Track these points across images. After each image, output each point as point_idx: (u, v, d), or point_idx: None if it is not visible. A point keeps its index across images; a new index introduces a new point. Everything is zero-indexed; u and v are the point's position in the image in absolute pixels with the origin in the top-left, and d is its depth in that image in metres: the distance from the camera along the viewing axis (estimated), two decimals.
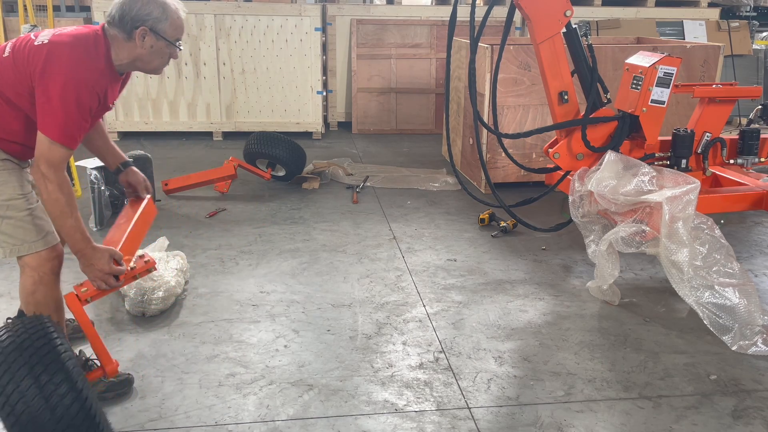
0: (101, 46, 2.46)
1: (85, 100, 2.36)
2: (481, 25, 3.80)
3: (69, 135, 2.36)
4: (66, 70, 2.34)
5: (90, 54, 2.42)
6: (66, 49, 2.38)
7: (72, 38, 2.42)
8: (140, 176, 2.92)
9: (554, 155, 3.88)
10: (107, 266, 2.50)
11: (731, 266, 3.20)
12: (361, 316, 3.39)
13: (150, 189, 2.94)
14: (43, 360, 2.09)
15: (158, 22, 2.46)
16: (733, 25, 7.82)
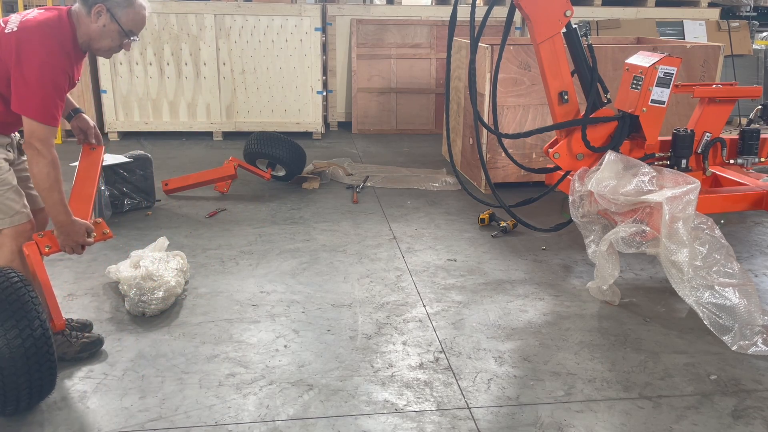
0: (66, 28, 2.61)
1: (60, 81, 2.55)
2: (481, 25, 3.80)
3: (49, 114, 2.54)
4: (40, 55, 2.51)
5: (58, 38, 2.57)
6: (36, 34, 2.53)
7: (40, 24, 2.56)
8: (90, 122, 3.11)
9: (554, 155, 3.88)
10: (82, 238, 2.76)
11: (731, 266, 3.20)
12: (361, 316, 3.39)
13: (99, 136, 3.14)
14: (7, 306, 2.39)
15: (117, 6, 2.62)
16: (733, 25, 7.82)
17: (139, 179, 4.89)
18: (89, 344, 2.98)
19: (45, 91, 2.52)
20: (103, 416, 2.59)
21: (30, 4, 6.73)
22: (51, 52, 2.53)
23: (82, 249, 2.81)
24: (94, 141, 3.11)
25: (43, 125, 2.54)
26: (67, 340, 2.94)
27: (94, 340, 3.01)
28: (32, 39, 2.52)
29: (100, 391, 2.74)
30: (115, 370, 2.90)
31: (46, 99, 2.53)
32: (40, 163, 2.56)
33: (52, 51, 2.53)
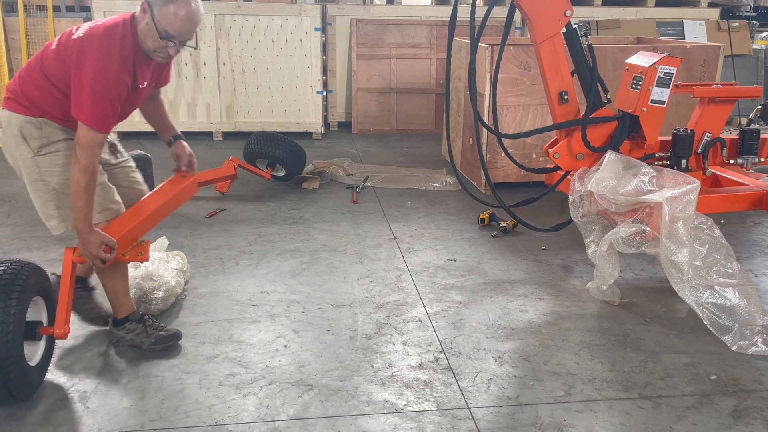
0: (128, 33, 2.61)
1: (112, 89, 2.56)
2: (481, 25, 3.80)
3: (99, 120, 2.56)
4: (94, 62, 2.53)
5: (116, 44, 2.58)
6: (95, 42, 2.56)
7: (102, 31, 2.59)
8: (186, 150, 3.08)
9: (554, 155, 3.88)
10: (96, 251, 2.67)
11: (731, 266, 3.20)
12: (361, 316, 3.39)
13: (194, 165, 3.10)
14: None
15: (154, 5, 2.56)
16: (733, 25, 7.82)
17: None
18: (165, 337, 3.01)
19: (96, 97, 2.54)
20: (103, 416, 2.59)
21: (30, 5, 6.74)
22: (106, 60, 2.55)
23: (101, 262, 2.70)
24: (184, 168, 3.03)
25: (92, 131, 2.56)
26: (145, 330, 3.00)
27: (171, 334, 3.03)
28: (92, 46, 2.56)
29: (100, 391, 2.74)
30: (115, 370, 2.90)
31: (96, 105, 2.55)
32: (74, 168, 2.58)
33: (107, 59, 2.55)
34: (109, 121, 2.61)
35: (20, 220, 4.67)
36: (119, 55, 2.58)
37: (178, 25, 2.59)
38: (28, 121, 2.69)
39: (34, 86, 2.67)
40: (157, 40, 2.61)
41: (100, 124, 2.57)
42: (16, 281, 2.51)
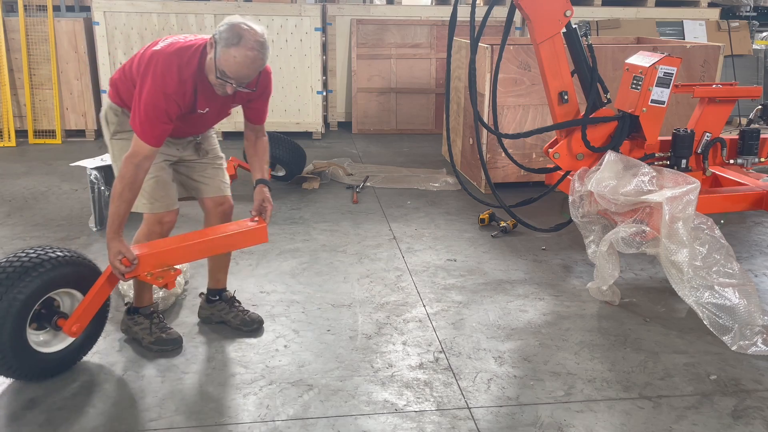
0: (195, 58, 2.67)
1: (161, 106, 2.61)
2: (482, 25, 3.80)
3: (147, 133, 2.62)
4: (152, 79, 2.62)
5: (180, 66, 2.64)
6: (161, 59, 2.64)
7: (173, 50, 2.67)
8: (262, 196, 3.00)
9: (554, 155, 3.88)
10: (113, 259, 2.68)
11: (731, 266, 3.20)
12: (361, 316, 3.39)
13: (267, 212, 2.99)
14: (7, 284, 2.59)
15: (219, 43, 2.59)
16: (733, 25, 7.82)
17: None
18: (164, 340, 3.03)
19: (147, 112, 2.61)
20: (104, 416, 2.59)
21: (30, 5, 6.74)
22: (162, 79, 2.61)
23: (121, 275, 2.70)
24: (253, 213, 2.99)
25: (140, 141, 2.63)
26: (149, 327, 3.04)
27: (171, 339, 3.04)
28: (158, 62, 2.63)
29: (100, 391, 2.74)
30: (116, 370, 2.90)
31: (145, 119, 2.62)
32: (118, 175, 2.68)
33: (163, 78, 2.61)
34: (154, 134, 2.64)
35: (20, 220, 4.67)
36: (176, 77, 2.63)
37: (235, 68, 2.60)
38: (111, 107, 2.89)
39: (125, 79, 2.81)
40: (213, 80, 2.66)
41: (147, 137, 2.63)
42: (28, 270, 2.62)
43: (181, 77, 2.64)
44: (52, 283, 2.69)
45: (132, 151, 2.64)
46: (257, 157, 3.08)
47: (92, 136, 7.08)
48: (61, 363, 2.82)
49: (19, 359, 2.65)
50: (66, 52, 6.84)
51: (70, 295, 2.81)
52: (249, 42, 2.57)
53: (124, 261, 2.69)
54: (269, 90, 3.02)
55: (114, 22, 6.77)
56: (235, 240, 2.94)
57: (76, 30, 6.80)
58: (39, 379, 2.77)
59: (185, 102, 2.69)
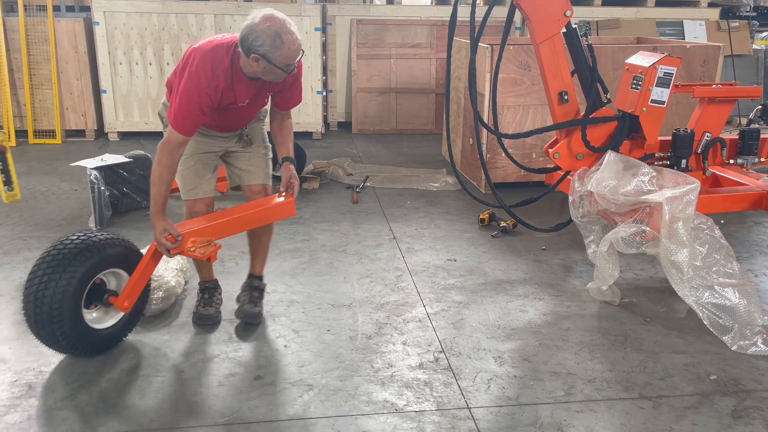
0: (228, 56, 2.86)
1: (194, 98, 2.81)
2: (482, 25, 3.80)
3: (180, 123, 2.83)
4: (188, 73, 2.83)
5: (214, 61, 2.84)
6: (198, 56, 2.85)
7: (210, 47, 2.87)
8: (289, 173, 3.18)
9: (554, 155, 3.88)
10: (159, 237, 2.88)
11: (731, 266, 3.20)
12: (361, 316, 3.39)
13: (295, 188, 3.18)
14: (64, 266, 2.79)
15: (268, 53, 2.76)
16: (733, 25, 7.82)
17: (139, 179, 4.89)
18: (199, 315, 3.28)
19: (181, 103, 2.82)
20: (104, 416, 2.59)
21: (30, 5, 6.74)
22: (197, 74, 2.82)
23: (167, 251, 2.89)
24: (282, 189, 3.16)
25: (173, 130, 2.83)
26: (200, 300, 3.33)
27: (205, 315, 3.27)
28: (195, 59, 2.85)
29: (99, 391, 2.74)
30: (115, 370, 2.90)
31: (178, 110, 2.82)
32: (155, 160, 2.89)
33: (198, 73, 2.82)
34: (186, 123, 2.83)
35: (20, 220, 4.67)
36: (210, 73, 2.82)
37: (293, 52, 2.80)
38: (164, 104, 3.16)
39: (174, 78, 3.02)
40: (281, 74, 2.85)
41: (179, 126, 2.83)
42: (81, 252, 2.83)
43: (214, 73, 2.83)
44: (101, 264, 2.91)
45: (166, 138, 2.86)
46: (283, 138, 3.25)
47: (92, 136, 7.08)
48: (111, 338, 3.03)
49: (77, 336, 2.85)
50: (66, 52, 6.84)
51: (115, 275, 3.03)
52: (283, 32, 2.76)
53: (170, 238, 2.88)
54: (299, 81, 3.15)
55: (114, 22, 6.77)
56: (267, 214, 3.15)
57: (76, 30, 6.80)
58: (93, 354, 2.96)
59: (217, 96, 2.86)
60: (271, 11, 2.79)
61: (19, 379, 2.81)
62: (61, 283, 2.77)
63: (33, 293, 2.77)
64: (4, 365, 2.92)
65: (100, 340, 2.97)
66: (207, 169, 3.16)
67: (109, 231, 2.99)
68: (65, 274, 2.78)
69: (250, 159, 3.26)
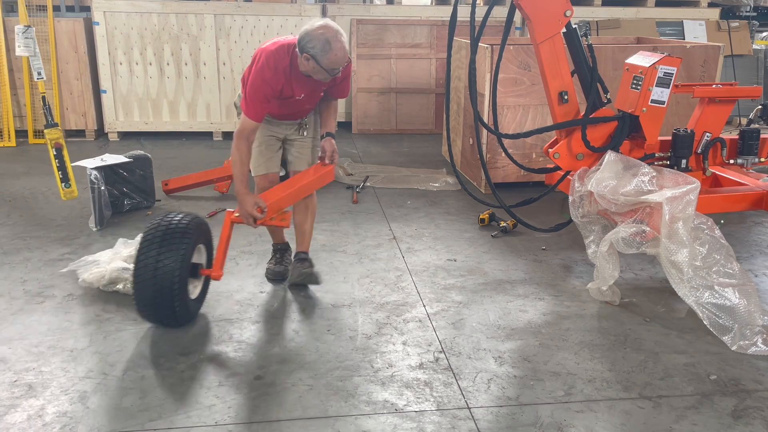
0: (287, 56, 3.31)
1: (259, 90, 3.29)
2: (482, 25, 3.80)
3: (250, 111, 3.30)
4: (256, 69, 3.31)
5: (276, 59, 3.29)
6: (264, 55, 3.32)
7: (274, 48, 3.33)
8: (330, 146, 3.58)
9: (554, 155, 3.88)
10: (251, 210, 3.27)
11: (731, 266, 3.20)
12: (361, 316, 3.39)
13: (335, 158, 3.62)
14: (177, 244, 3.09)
15: (317, 55, 3.19)
16: (733, 25, 7.82)
17: (139, 179, 4.89)
18: (271, 271, 3.81)
19: (250, 93, 3.30)
20: (103, 416, 2.59)
21: (30, 5, 6.74)
22: (263, 69, 3.28)
23: (253, 222, 3.29)
24: (327, 160, 3.59)
25: (245, 117, 3.31)
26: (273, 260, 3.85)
27: (276, 271, 3.79)
28: (261, 56, 3.32)
29: (100, 391, 2.74)
30: (115, 370, 2.90)
31: (248, 98, 3.30)
32: (234, 146, 3.35)
33: (263, 68, 3.28)
34: (254, 110, 3.30)
35: (20, 220, 4.67)
36: (273, 69, 3.28)
37: (339, 59, 3.23)
38: (239, 95, 3.70)
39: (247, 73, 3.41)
40: (326, 75, 3.27)
41: (250, 113, 3.30)
42: (185, 230, 3.15)
43: (276, 69, 3.29)
44: (197, 240, 3.25)
45: (240, 126, 3.33)
46: (328, 115, 3.67)
47: (92, 136, 7.09)
48: (195, 309, 3.33)
49: (186, 307, 3.18)
50: (66, 52, 6.84)
51: (198, 250, 3.33)
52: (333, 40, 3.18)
53: (258, 210, 3.27)
54: (348, 80, 3.59)
55: (114, 22, 6.77)
56: (317, 181, 3.61)
57: (76, 30, 6.80)
58: (184, 324, 3.24)
59: (278, 88, 3.32)
60: (328, 21, 3.23)
61: (19, 379, 2.81)
62: (178, 258, 3.05)
63: (151, 272, 3.02)
64: (4, 365, 2.92)
65: (194, 310, 3.29)
66: (270, 150, 3.61)
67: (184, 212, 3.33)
68: (180, 251, 3.07)
69: (301, 148, 3.67)
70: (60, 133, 4.42)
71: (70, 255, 4.05)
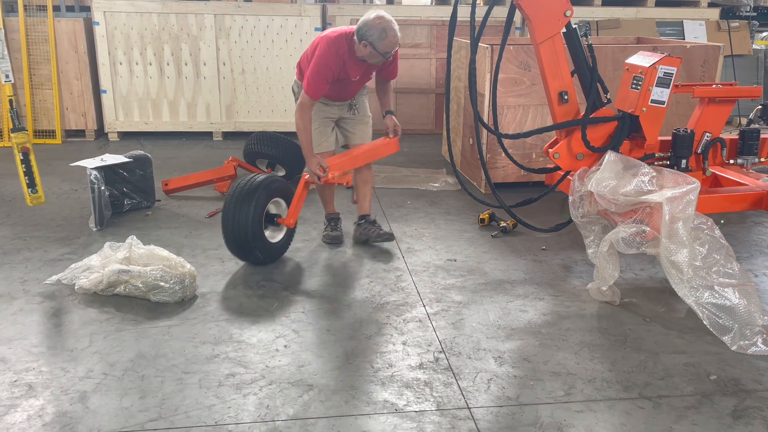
0: (345, 43, 3.87)
1: (321, 72, 3.85)
2: (482, 25, 3.80)
3: (311, 89, 3.86)
4: (318, 53, 3.87)
5: (337, 45, 3.86)
6: (325, 42, 3.88)
7: (334, 36, 3.89)
8: (392, 122, 4.29)
9: (554, 155, 3.88)
10: (314, 169, 3.94)
11: (731, 266, 3.20)
12: (361, 316, 3.39)
13: (398, 132, 4.31)
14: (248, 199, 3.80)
15: (375, 42, 3.77)
16: (733, 25, 7.82)
17: (139, 179, 4.89)
18: (333, 237, 4.35)
19: (312, 74, 3.84)
20: (103, 416, 2.59)
21: (30, 5, 6.74)
22: (325, 54, 3.84)
23: (318, 179, 3.94)
24: (391, 134, 4.29)
25: (305, 94, 3.87)
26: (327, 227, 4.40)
27: (335, 236, 4.35)
28: (323, 43, 3.88)
29: (100, 391, 2.74)
30: (115, 370, 2.90)
31: (311, 79, 3.85)
32: (295, 116, 3.96)
33: (325, 53, 3.85)
34: (316, 89, 3.86)
35: (20, 220, 4.67)
36: (334, 54, 3.85)
37: (393, 44, 3.81)
38: (296, 82, 4.21)
39: (306, 62, 4.01)
40: (381, 59, 3.86)
41: (310, 91, 3.86)
42: (257, 187, 3.84)
43: (336, 54, 3.85)
44: (270, 194, 3.92)
45: (300, 101, 3.91)
46: (386, 95, 4.31)
47: (92, 136, 7.09)
48: (281, 250, 4.05)
49: (265, 249, 3.89)
50: (66, 52, 6.84)
51: (277, 204, 4.05)
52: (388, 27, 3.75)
53: (321, 169, 3.91)
54: (396, 62, 4.13)
55: (114, 22, 6.77)
56: (381, 150, 4.28)
57: (76, 30, 6.81)
58: (269, 262, 3.98)
59: (337, 70, 3.88)
60: (383, 12, 3.77)
61: (19, 379, 2.81)
62: (249, 211, 3.75)
63: (230, 222, 3.76)
64: (4, 365, 2.92)
65: (277, 251, 4.01)
66: (327, 130, 4.19)
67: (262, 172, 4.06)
68: (251, 205, 3.76)
69: (356, 125, 4.29)
70: (27, 137, 4.35)
71: (70, 255, 4.06)
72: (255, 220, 3.77)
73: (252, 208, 3.76)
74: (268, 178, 3.93)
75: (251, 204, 3.76)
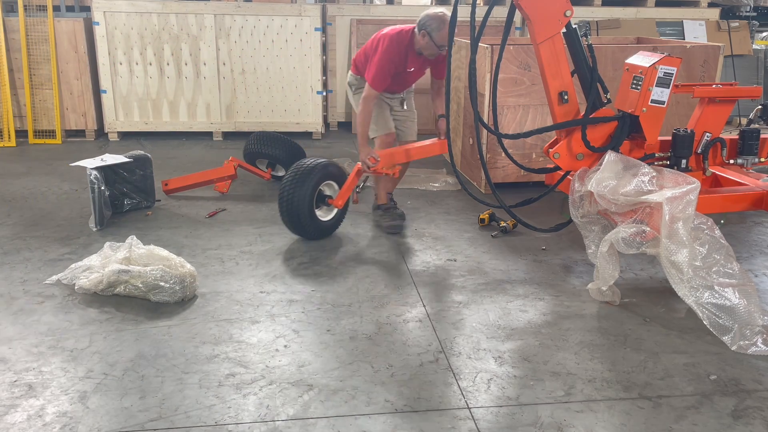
0: (406, 38, 4.28)
1: (385, 66, 4.24)
2: (482, 25, 3.80)
3: (375, 81, 4.25)
4: (382, 49, 4.25)
5: (398, 41, 4.27)
6: (387, 38, 4.28)
7: (394, 33, 4.29)
8: (442, 126, 4.65)
9: (554, 155, 3.88)
10: (365, 158, 4.28)
11: (731, 266, 3.20)
12: (361, 316, 3.39)
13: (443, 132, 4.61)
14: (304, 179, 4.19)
15: (432, 32, 4.15)
16: (733, 25, 7.82)
17: (139, 179, 4.89)
18: (393, 226, 4.52)
19: (377, 69, 4.23)
20: (103, 416, 2.59)
21: (30, 5, 6.74)
22: (388, 49, 4.24)
23: (367, 168, 4.28)
24: (442, 136, 4.65)
25: (370, 87, 4.26)
26: (384, 217, 4.58)
27: (396, 225, 4.53)
28: (385, 40, 4.27)
29: (100, 391, 2.74)
30: (115, 370, 2.90)
31: (375, 73, 4.23)
32: (359, 110, 4.32)
33: (388, 49, 4.24)
34: (381, 84, 4.25)
35: (20, 220, 4.67)
36: (396, 49, 4.25)
37: (446, 39, 4.01)
38: (352, 75, 4.64)
39: (363, 58, 4.44)
40: (435, 50, 4.22)
41: (375, 84, 4.25)
42: (312, 170, 4.21)
43: (399, 49, 4.24)
44: (323, 177, 4.28)
45: (365, 94, 4.28)
46: (439, 97, 4.65)
47: (92, 136, 7.09)
48: (331, 228, 4.43)
49: (315, 226, 4.28)
50: (66, 52, 6.84)
51: (329, 186, 4.38)
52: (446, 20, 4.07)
53: (371, 159, 4.23)
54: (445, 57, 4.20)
55: (114, 22, 6.77)
56: (434, 148, 4.65)
57: (76, 30, 6.80)
58: (319, 238, 4.36)
59: (398, 64, 4.28)
60: (441, 9, 4.17)
61: (19, 379, 2.81)
62: (303, 192, 4.13)
63: (286, 201, 4.15)
64: (4, 365, 2.92)
65: (326, 229, 4.38)
66: (386, 113, 4.55)
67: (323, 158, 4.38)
68: (307, 183, 4.14)
69: (406, 122, 4.72)
70: None
71: (70, 255, 4.06)
72: (307, 198, 4.14)
73: (305, 190, 4.13)
74: (324, 162, 4.30)
75: (305, 183, 4.14)
